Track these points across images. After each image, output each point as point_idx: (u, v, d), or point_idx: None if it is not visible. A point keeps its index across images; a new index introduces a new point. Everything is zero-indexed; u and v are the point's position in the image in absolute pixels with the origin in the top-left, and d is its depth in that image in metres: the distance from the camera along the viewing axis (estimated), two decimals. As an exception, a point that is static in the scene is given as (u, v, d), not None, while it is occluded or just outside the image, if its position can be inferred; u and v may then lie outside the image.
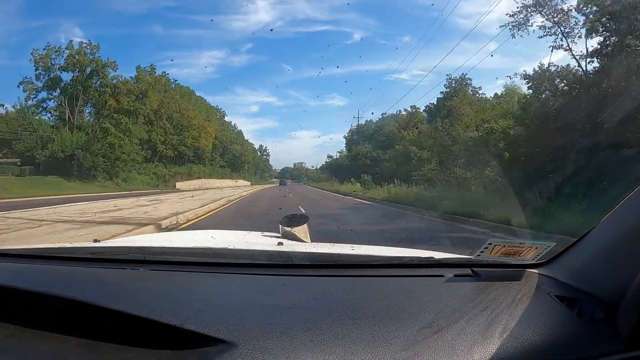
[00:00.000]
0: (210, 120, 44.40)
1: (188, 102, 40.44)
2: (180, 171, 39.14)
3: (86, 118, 34.43)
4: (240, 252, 1.14)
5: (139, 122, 34.34)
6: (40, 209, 10.36)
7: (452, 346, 0.60)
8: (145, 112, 35.06)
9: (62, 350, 0.63)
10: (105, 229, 6.59)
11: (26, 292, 0.76)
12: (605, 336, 0.65)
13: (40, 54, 31.30)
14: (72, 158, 27.86)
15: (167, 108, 36.78)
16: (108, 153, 28.79)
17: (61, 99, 32.62)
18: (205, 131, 41.25)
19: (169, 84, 39.88)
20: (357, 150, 34.43)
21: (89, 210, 10.13)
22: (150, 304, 0.73)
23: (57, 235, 5.93)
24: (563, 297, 0.76)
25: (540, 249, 0.88)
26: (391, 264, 1.05)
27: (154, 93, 35.57)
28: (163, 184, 34.45)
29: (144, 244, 1.34)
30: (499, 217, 7.22)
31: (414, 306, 0.74)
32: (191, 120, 39.14)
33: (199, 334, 0.62)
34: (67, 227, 6.79)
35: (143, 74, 36.37)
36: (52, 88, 32.81)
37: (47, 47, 31.75)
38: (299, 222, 1.63)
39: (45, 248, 1.23)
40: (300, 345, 0.60)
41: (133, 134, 32.52)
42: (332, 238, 4.58)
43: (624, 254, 0.71)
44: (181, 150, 39.45)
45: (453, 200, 11.02)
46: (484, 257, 0.91)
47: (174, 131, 38.00)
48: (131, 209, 10.91)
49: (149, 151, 35.85)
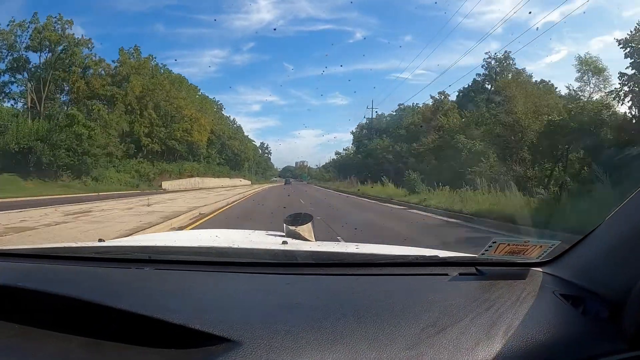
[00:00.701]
0: (204, 113, 39.49)
1: (178, 91, 35.43)
2: (169, 169, 34.27)
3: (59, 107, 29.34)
4: (244, 251, 1.14)
5: (118, 111, 29.24)
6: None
7: (457, 345, 0.60)
8: (127, 99, 29.96)
9: (67, 349, 0.64)
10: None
11: (31, 292, 0.76)
12: (610, 335, 0.65)
13: (2, 30, 26.49)
14: (30, 152, 22.67)
15: (152, 95, 31.37)
16: (74, 146, 23.55)
17: (26, 84, 27.74)
18: (199, 123, 36.44)
19: (157, 69, 34.95)
20: (373, 145, 29.73)
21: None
22: (155, 303, 0.73)
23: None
24: (568, 296, 0.77)
25: (544, 247, 0.89)
26: (395, 263, 1.05)
27: (137, 78, 30.48)
28: (147, 184, 29.65)
29: (149, 244, 1.36)
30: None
31: (418, 305, 0.74)
32: (181, 110, 34.09)
33: (204, 333, 0.62)
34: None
35: (125, 56, 31.44)
36: (17, 71, 27.85)
37: (11, 22, 26.96)
38: (304, 221, 1.63)
39: (50, 248, 1.24)
40: (305, 344, 0.60)
41: (109, 124, 27.40)
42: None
43: (629, 252, 0.70)
44: (170, 145, 34.63)
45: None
46: (488, 256, 0.91)
47: (161, 122, 32.94)
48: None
49: (131, 145, 30.96)
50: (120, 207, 11.49)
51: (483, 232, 7.52)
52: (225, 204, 13.69)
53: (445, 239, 6.99)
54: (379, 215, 11.06)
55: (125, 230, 6.85)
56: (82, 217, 8.97)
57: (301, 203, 14.68)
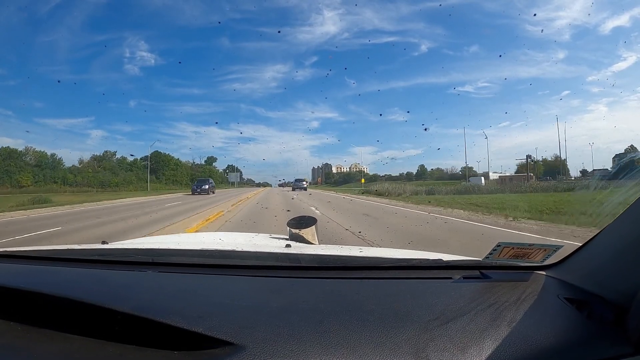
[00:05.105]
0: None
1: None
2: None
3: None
4: (248, 254, 1.13)
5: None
6: None
7: (461, 348, 0.60)
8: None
9: (70, 350, 0.64)
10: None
11: (35, 294, 0.77)
12: (615, 339, 0.65)
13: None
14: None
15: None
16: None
17: None
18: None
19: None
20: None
21: None
22: (158, 306, 0.73)
23: None
24: (572, 299, 0.76)
25: (549, 251, 0.89)
26: (399, 266, 1.03)
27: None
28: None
29: (152, 246, 1.34)
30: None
31: (422, 308, 0.74)
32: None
33: (207, 336, 0.62)
34: None
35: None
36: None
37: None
38: (307, 224, 1.60)
39: (53, 250, 1.23)
40: (309, 347, 0.59)
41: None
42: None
43: (634, 256, 0.70)
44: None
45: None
46: (492, 259, 0.91)
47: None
48: None
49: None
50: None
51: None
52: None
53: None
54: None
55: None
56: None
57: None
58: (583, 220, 6.82)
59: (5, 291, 0.79)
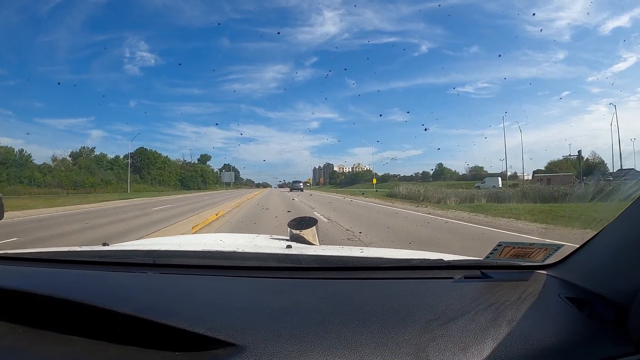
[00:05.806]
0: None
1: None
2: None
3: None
4: (249, 255, 1.13)
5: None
6: None
7: (462, 347, 0.60)
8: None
9: (71, 352, 0.64)
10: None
11: (36, 296, 0.77)
12: (616, 338, 0.65)
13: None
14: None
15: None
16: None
17: None
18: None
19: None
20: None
21: None
22: (159, 307, 0.73)
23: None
24: (573, 299, 0.76)
25: (550, 250, 0.89)
26: (400, 267, 1.03)
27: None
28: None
29: (153, 248, 1.33)
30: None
31: (423, 308, 0.74)
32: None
33: (208, 337, 0.62)
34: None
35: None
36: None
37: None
38: (308, 225, 1.60)
39: (55, 252, 1.23)
40: (310, 348, 0.59)
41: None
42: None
43: (635, 255, 0.70)
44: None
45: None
46: (493, 259, 0.91)
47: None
48: None
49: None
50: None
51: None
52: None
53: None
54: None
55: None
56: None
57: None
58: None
59: (7, 293, 0.79)
